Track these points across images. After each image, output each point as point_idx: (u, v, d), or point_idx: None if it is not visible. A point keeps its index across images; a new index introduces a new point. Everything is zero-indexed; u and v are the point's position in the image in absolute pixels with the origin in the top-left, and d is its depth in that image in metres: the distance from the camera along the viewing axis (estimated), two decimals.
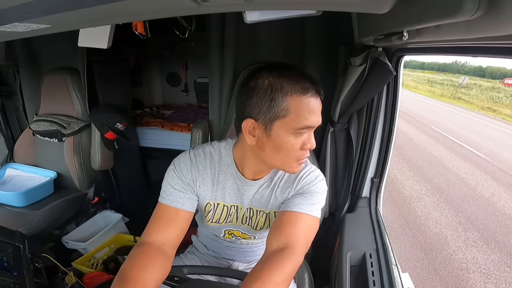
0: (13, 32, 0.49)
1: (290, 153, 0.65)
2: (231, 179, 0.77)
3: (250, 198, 0.79)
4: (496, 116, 12.26)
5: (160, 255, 0.67)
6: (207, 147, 0.78)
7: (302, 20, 1.14)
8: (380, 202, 1.18)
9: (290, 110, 0.62)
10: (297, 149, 0.65)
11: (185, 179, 0.74)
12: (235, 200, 0.79)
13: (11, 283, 0.75)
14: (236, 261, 0.95)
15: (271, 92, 0.62)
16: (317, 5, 0.46)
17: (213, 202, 0.79)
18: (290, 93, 0.62)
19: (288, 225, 0.68)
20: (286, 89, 0.62)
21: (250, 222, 0.83)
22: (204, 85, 1.61)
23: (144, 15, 0.57)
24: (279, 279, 0.59)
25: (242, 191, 0.78)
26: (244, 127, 0.67)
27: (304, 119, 0.62)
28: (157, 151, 2.07)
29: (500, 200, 3.94)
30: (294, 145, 0.64)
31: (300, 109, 0.62)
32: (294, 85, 0.62)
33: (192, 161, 0.75)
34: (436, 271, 2.54)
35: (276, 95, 0.62)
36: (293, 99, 0.62)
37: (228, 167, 0.76)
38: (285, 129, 0.63)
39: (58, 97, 1.60)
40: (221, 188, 0.77)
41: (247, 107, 0.65)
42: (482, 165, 5.31)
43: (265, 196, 0.79)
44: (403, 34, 0.58)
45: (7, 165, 1.73)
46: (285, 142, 0.64)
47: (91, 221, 1.63)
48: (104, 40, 0.96)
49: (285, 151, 0.65)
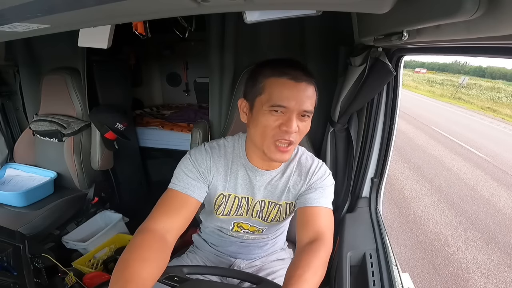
0: (13, 32, 0.49)
1: (266, 130, 0.71)
2: (243, 170, 0.82)
3: (263, 189, 0.83)
4: (496, 116, 12.27)
5: (162, 245, 0.66)
6: (221, 140, 0.85)
7: (302, 20, 1.14)
8: (380, 202, 1.17)
9: (265, 88, 0.70)
10: (273, 127, 0.70)
11: (199, 168, 0.78)
12: (246, 192, 0.83)
13: (11, 283, 0.75)
14: (239, 258, 0.95)
15: (256, 75, 0.73)
16: (317, 5, 0.46)
17: (226, 193, 0.82)
18: (268, 75, 0.71)
19: (313, 220, 0.76)
20: (266, 73, 0.71)
21: (261, 215, 0.86)
22: (204, 85, 1.61)
23: (144, 15, 0.57)
24: (317, 264, 0.67)
25: (253, 181, 0.82)
26: (239, 105, 0.78)
27: (277, 98, 0.68)
28: (157, 151, 2.07)
29: (500, 200, 3.95)
30: (268, 121, 0.70)
31: (273, 88, 0.69)
32: (274, 70, 0.70)
33: (208, 151, 0.80)
34: (436, 271, 2.54)
35: (258, 76, 0.73)
36: (269, 79, 0.70)
37: (239, 158, 0.82)
38: (261, 104, 0.71)
39: (58, 97, 1.60)
40: (234, 179, 0.82)
41: (244, 90, 0.78)
42: (482, 165, 5.31)
43: (278, 187, 0.83)
44: (403, 34, 0.58)
45: (7, 165, 1.73)
46: (261, 116, 0.71)
47: (91, 221, 1.63)
48: (104, 40, 0.96)
49: (262, 126, 0.71)
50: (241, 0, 0.38)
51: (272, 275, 0.91)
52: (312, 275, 0.64)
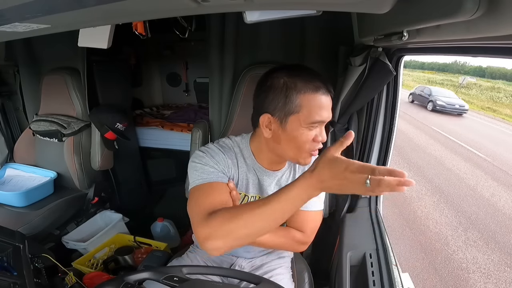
0: (13, 32, 0.49)
1: (304, 145, 0.72)
2: (252, 170, 0.84)
3: (272, 189, 0.84)
4: (496, 116, 12.26)
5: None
6: (226, 140, 0.85)
7: (302, 20, 1.14)
8: (380, 202, 1.17)
9: (303, 106, 0.70)
10: (310, 141, 0.72)
11: (219, 165, 0.77)
12: (256, 191, 0.85)
13: (11, 283, 0.75)
14: (240, 256, 0.96)
15: (286, 90, 0.70)
16: (317, 5, 0.46)
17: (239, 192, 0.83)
18: (303, 91, 0.69)
19: (302, 224, 0.84)
20: (299, 88, 0.70)
21: None
22: (204, 85, 1.60)
23: (144, 15, 0.57)
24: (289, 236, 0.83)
25: (261, 181, 0.84)
26: (261, 122, 0.75)
27: (316, 115, 0.70)
28: (157, 151, 2.07)
29: (500, 200, 3.95)
30: (307, 137, 0.72)
31: (312, 105, 0.70)
32: (307, 84, 0.70)
33: (220, 150, 0.80)
34: (436, 271, 2.54)
35: (291, 93, 0.70)
36: (305, 96, 0.70)
37: (247, 159, 0.83)
38: (298, 123, 0.71)
39: (58, 97, 1.60)
40: (245, 178, 0.84)
41: (264, 103, 0.74)
42: (482, 165, 5.31)
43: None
44: (403, 34, 0.58)
45: (7, 165, 1.73)
46: (299, 134, 0.71)
47: (91, 221, 1.63)
48: (104, 40, 0.96)
49: (299, 142, 0.72)
50: (241, 0, 0.38)
51: (271, 273, 0.92)
52: (277, 237, 0.80)
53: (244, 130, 0.90)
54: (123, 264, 1.39)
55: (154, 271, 0.72)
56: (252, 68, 1.17)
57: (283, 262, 0.99)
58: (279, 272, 0.93)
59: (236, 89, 1.21)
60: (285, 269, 0.97)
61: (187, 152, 1.25)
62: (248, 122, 0.84)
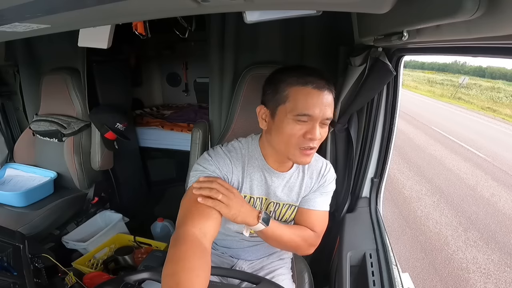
0: (13, 32, 0.49)
1: (290, 138, 0.71)
2: (259, 171, 0.82)
3: (280, 191, 0.84)
4: (496, 116, 12.25)
5: (203, 251, 0.62)
6: (235, 143, 0.85)
7: (302, 20, 1.14)
8: (380, 202, 1.18)
9: (290, 97, 0.71)
10: (298, 136, 0.71)
11: (222, 170, 0.78)
12: (262, 193, 0.84)
13: (11, 283, 0.75)
14: (241, 258, 0.95)
15: (277, 82, 0.73)
16: (317, 5, 0.46)
17: (242, 195, 0.81)
18: (292, 84, 0.71)
19: (312, 223, 0.85)
20: (288, 81, 0.71)
21: (274, 215, 0.87)
22: (204, 85, 1.60)
23: (144, 15, 0.57)
24: (305, 235, 0.83)
25: (269, 182, 0.83)
26: (257, 112, 0.78)
27: (302, 107, 0.69)
28: (157, 151, 2.07)
29: (500, 200, 3.94)
30: (292, 130, 0.71)
31: (299, 97, 0.70)
32: (298, 78, 0.71)
33: (227, 154, 0.80)
34: (436, 271, 2.54)
35: (280, 84, 0.72)
36: (293, 88, 0.71)
37: (255, 159, 0.82)
38: (285, 113, 0.71)
39: (58, 97, 1.60)
40: (249, 180, 0.82)
41: (262, 96, 0.78)
42: (482, 165, 5.31)
43: (294, 189, 0.86)
44: (403, 34, 0.58)
45: (7, 165, 1.73)
46: (285, 125, 0.71)
47: (91, 221, 1.63)
48: (104, 40, 0.96)
49: (286, 135, 0.72)
50: (241, 0, 0.38)
51: (272, 274, 0.92)
52: (295, 236, 0.80)
53: (244, 130, 0.90)
54: (123, 264, 1.39)
55: (154, 271, 0.72)
56: (252, 68, 1.17)
57: (283, 263, 0.99)
58: (280, 272, 0.93)
59: (236, 89, 1.20)
60: (285, 269, 0.97)
61: (187, 152, 1.25)
62: (249, 122, 0.84)
